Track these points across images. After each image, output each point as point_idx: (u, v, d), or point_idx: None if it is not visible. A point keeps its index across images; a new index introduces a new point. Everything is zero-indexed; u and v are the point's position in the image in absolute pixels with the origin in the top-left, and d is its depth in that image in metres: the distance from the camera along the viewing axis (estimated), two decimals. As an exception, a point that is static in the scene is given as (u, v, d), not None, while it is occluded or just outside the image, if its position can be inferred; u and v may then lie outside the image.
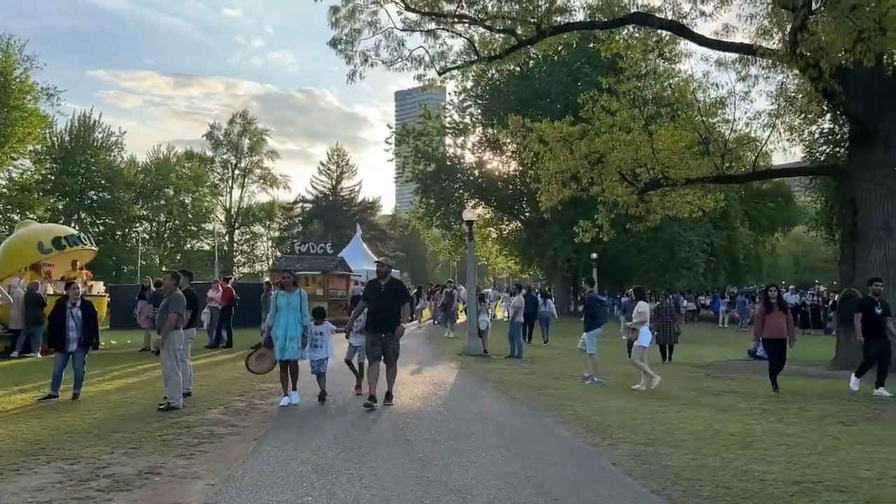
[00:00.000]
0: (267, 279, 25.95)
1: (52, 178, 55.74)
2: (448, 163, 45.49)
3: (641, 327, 12.13)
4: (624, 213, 19.31)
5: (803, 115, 18.52)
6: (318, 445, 7.11)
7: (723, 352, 19.59)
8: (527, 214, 46.18)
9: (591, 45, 35.41)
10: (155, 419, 8.66)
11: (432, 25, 16.82)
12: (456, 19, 16.50)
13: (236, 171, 74.75)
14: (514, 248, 49.73)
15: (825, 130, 38.70)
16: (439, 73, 17.76)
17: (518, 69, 42.35)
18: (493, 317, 24.95)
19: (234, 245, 76.28)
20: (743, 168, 17.90)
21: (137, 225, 64.51)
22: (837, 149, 37.00)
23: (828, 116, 34.83)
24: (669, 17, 16.23)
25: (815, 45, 12.29)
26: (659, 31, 19.13)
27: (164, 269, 55.88)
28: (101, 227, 59.36)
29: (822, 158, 38.07)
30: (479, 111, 45.28)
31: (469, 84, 44.26)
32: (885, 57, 14.50)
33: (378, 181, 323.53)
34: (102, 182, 58.37)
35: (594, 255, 35.12)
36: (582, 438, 7.66)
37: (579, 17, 17.40)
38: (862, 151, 15.03)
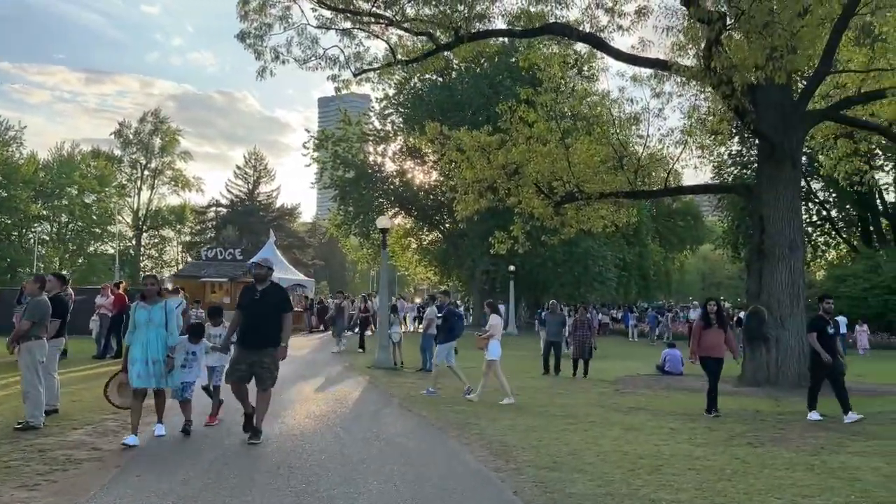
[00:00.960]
0: (167, 285, 24.45)
1: (-61, 171, 51.91)
2: (368, 170, 44.67)
3: (491, 341, 12.01)
4: (540, 225, 19.19)
5: (714, 135, 18.97)
6: (187, 475, 6.29)
7: (632, 366, 19.63)
8: (447, 225, 45.91)
9: (513, 59, 35.62)
10: (7, 441, 7.62)
11: (347, 24, 16.16)
12: (372, 19, 15.91)
13: (146, 172, 71.42)
14: (434, 259, 49.35)
15: (734, 152, 40.43)
16: (355, 75, 17.09)
17: (440, 79, 42.19)
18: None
19: (142, 249, 72.79)
20: (655, 185, 18.12)
21: (36, 225, 60.86)
22: (745, 170, 38.62)
23: (736, 139, 36.37)
24: (587, 30, 16.16)
25: (729, 62, 12.38)
26: (577, 47, 19.19)
27: (63, 271, 52.65)
28: (-7, 226, 55.67)
29: (731, 179, 39.60)
30: (401, 119, 44.78)
31: (391, 91, 43.88)
32: (792, 79, 14.85)
33: (299, 188, 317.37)
34: (-3, 178, 54.78)
35: (511, 268, 35.13)
36: (485, 462, 7.17)
37: (499, 24, 17.08)
38: (770, 170, 15.30)
